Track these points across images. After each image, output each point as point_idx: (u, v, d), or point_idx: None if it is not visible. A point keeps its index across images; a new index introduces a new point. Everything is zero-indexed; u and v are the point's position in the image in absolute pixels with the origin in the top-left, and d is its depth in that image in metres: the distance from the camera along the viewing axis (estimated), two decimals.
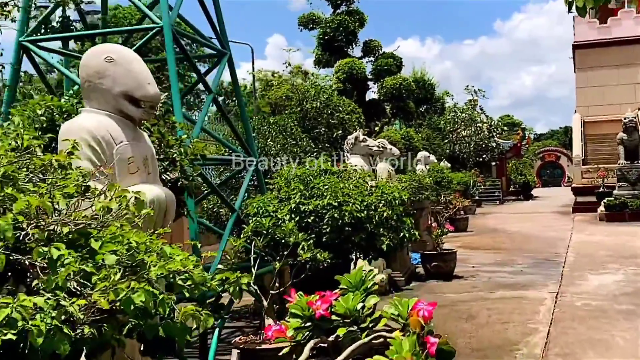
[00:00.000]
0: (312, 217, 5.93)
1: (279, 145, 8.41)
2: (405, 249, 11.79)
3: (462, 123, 42.00)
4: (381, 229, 6.08)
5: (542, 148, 74.03)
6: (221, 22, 7.89)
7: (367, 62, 17.52)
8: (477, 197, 35.91)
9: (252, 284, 5.38)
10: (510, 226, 21.84)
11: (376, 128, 17.46)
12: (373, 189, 6.36)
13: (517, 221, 24.24)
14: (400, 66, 17.04)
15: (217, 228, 7.28)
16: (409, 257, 12.08)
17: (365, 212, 5.91)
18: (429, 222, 11.82)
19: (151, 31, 6.68)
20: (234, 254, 5.39)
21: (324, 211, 5.89)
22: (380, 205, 6.09)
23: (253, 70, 19.24)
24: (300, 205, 5.93)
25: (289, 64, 11.77)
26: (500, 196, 41.30)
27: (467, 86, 44.11)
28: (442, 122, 39.47)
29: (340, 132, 10.71)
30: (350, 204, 5.83)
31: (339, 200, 5.85)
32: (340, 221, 5.79)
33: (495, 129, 43.22)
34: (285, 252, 5.33)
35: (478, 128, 41.79)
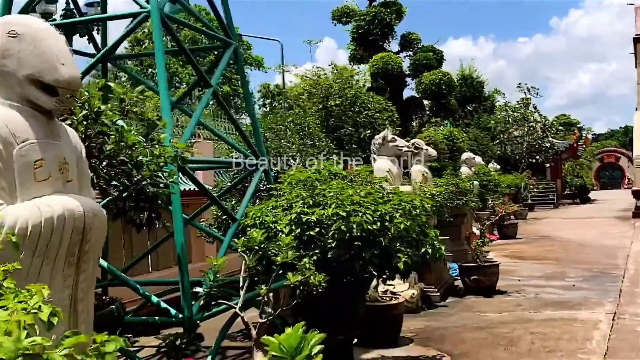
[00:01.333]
0: (316, 229, 5.02)
1: (294, 146, 7.52)
2: (441, 260, 10.75)
3: (514, 122, 40.33)
4: (398, 244, 5.11)
5: (601, 149, 71.28)
6: (227, 10, 7.10)
7: (404, 56, 16.47)
8: (529, 201, 34.27)
9: (240, 311, 4.51)
10: (563, 233, 20.39)
11: (413, 127, 16.29)
12: (391, 195, 5.39)
13: (571, 227, 22.71)
14: (441, 61, 15.84)
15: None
16: (447, 269, 11.01)
17: (379, 223, 4.95)
18: (469, 230, 10.71)
19: (137, 17, 5.90)
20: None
21: (329, 222, 4.96)
22: (397, 215, 5.12)
23: (282, 65, 18.39)
24: (303, 216, 5.02)
25: (335, 65, 10.99)
26: (555, 200, 39.44)
27: (520, 84, 42.22)
28: (492, 121, 37.92)
29: (369, 131, 9.75)
30: (360, 214, 4.88)
31: (347, 209, 4.92)
32: (348, 234, 4.84)
33: (549, 129, 41.27)
34: (276, 273, 4.44)
35: (531, 128, 40.03)
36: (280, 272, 4.71)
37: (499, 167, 29.04)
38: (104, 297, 4.39)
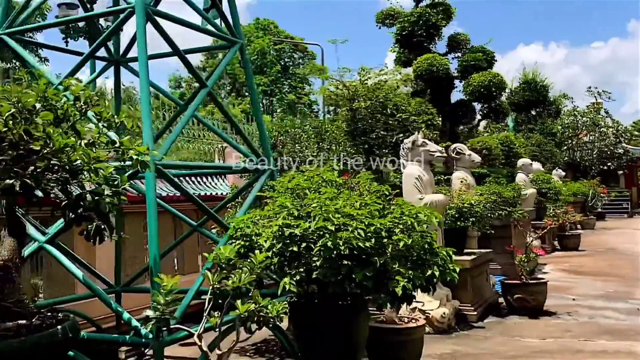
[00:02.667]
0: (303, 245, 4.33)
1: (307, 151, 6.87)
2: (484, 273, 9.83)
3: (584, 128, 38.37)
4: (397, 265, 4.35)
5: None
6: (233, 6, 6.54)
7: (453, 58, 15.53)
8: (599, 210, 32.35)
9: (200, 339, 3.86)
10: (633, 246, 18.80)
11: (462, 132, 15.29)
12: (392, 207, 4.64)
13: None
14: (492, 62, 14.79)
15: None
16: (490, 284, 10.07)
17: (373, 240, 4.21)
18: (524, 241, 9.66)
19: (122, 13, 5.40)
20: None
21: (314, 237, 4.26)
22: (397, 231, 4.36)
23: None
24: (286, 229, 4.34)
25: (363, 68, 10.29)
26: (629, 209, 37.11)
27: (590, 87, 40.17)
28: (559, 126, 36.11)
29: (401, 135, 8.97)
30: (350, 229, 4.16)
31: (337, 223, 4.21)
32: (335, 252, 4.13)
33: (623, 134, 39.01)
34: (228, 301, 3.75)
35: (602, 133, 37.95)
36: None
37: (563, 174, 27.52)
38: (50, 314, 3.79)
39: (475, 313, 8.64)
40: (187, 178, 8.86)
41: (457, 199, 9.18)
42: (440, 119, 15.12)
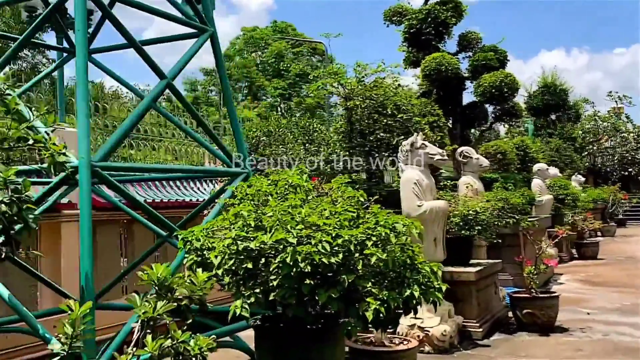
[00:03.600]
0: (261, 261, 3.73)
1: (290, 152, 6.29)
2: (492, 285, 9.15)
3: (604, 133, 37.43)
4: (369, 284, 3.74)
5: None
6: None
7: (463, 58, 14.76)
8: (620, 216, 31.39)
9: None
10: None
11: (473, 135, 14.55)
12: (368, 217, 4.01)
13: None
14: (504, 61, 14.00)
15: None
16: (499, 297, 9.38)
17: (341, 255, 3.60)
18: (538, 249, 8.96)
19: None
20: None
21: (272, 252, 3.66)
22: (370, 244, 3.74)
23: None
24: (240, 242, 3.75)
25: (359, 64, 9.62)
26: None
27: (610, 92, 39.18)
28: (579, 131, 35.19)
29: (402, 137, 8.35)
30: (314, 242, 3.56)
31: (299, 235, 3.60)
32: (295, 269, 3.53)
33: None
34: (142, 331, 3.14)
35: (623, 138, 36.96)
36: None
37: (583, 179, 26.66)
38: None
39: (480, 330, 7.96)
40: (171, 183, 8.28)
41: (461, 206, 8.53)
42: (450, 121, 14.44)
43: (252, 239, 3.74)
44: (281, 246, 3.62)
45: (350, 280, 3.63)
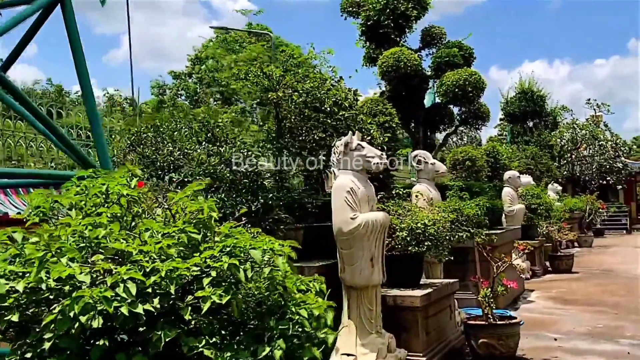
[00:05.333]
0: (31, 310, 2.54)
1: (177, 152, 5.12)
2: (447, 309, 8.01)
3: (583, 141, 36.67)
4: (202, 342, 2.56)
5: None
6: None
7: (427, 55, 13.57)
8: (598, 226, 30.56)
9: None
10: (630, 266, 16.99)
11: (436, 140, 13.38)
12: (215, 242, 2.83)
13: None
14: (469, 59, 12.81)
15: None
16: (455, 322, 8.24)
17: (157, 299, 2.43)
18: (476, 271, 7.90)
19: None
20: None
21: (49, 297, 2.47)
22: (206, 281, 2.57)
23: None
24: (3, 281, 2.55)
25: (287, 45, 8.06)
26: (628, 225, 35.29)
27: (589, 99, 38.48)
28: (557, 139, 34.38)
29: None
30: (110, 281, 2.36)
31: (97, 269, 2.41)
32: (78, 325, 2.34)
33: (622, 148, 37.28)
34: None
35: (602, 147, 36.21)
36: None
37: (560, 188, 25.78)
38: None
39: None
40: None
41: (410, 219, 7.39)
42: (413, 124, 13.31)
43: (14, 277, 2.54)
44: (68, 287, 2.43)
45: (168, 339, 2.45)
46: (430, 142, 13.20)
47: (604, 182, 35.52)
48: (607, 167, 35.61)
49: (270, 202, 5.62)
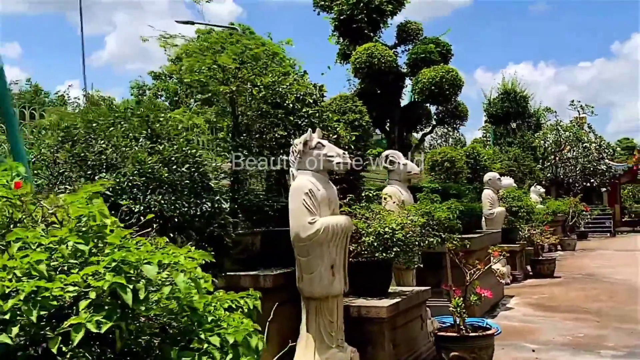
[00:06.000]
0: None
1: (112, 149, 4.58)
2: (418, 319, 7.51)
3: (566, 143, 36.43)
4: None
5: None
6: None
7: (403, 52, 13.02)
8: (582, 229, 30.31)
9: None
10: (613, 270, 16.64)
11: (411, 140, 12.87)
12: (113, 250, 2.33)
13: (625, 262, 18.87)
14: (446, 56, 12.27)
15: None
16: (427, 332, 7.73)
17: (16, 328, 1.91)
18: (447, 279, 7.43)
19: None
20: None
21: None
22: (83, 305, 2.03)
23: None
24: None
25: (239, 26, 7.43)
26: (612, 227, 35.13)
27: (573, 101, 38.28)
28: (541, 140, 34.10)
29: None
30: None
31: None
32: None
33: (605, 150, 37.09)
34: None
35: (585, 149, 35.98)
36: None
37: (543, 190, 25.45)
38: None
39: None
40: None
41: (377, 223, 6.89)
42: (388, 124, 12.81)
43: None
44: None
45: None
46: (407, 143, 12.69)
47: (588, 184, 35.30)
48: (591, 169, 35.40)
49: (217, 205, 5.08)
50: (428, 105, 12.60)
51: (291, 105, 7.06)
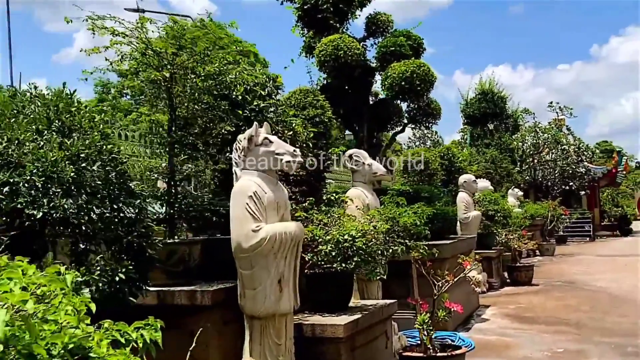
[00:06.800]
0: None
1: (13, 147, 3.80)
2: (382, 336, 6.75)
3: (545, 145, 36.04)
4: None
5: None
6: None
7: (372, 45, 12.21)
8: (561, 233, 29.86)
9: None
10: (594, 277, 16.08)
11: (382, 139, 12.10)
12: None
13: (606, 268, 18.36)
14: (418, 50, 11.48)
15: None
16: (392, 351, 6.97)
17: None
18: (414, 291, 6.70)
19: None
20: None
21: None
22: None
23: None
24: None
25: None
26: (591, 231, 34.75)
27: (551, 103, 37.93)
28: (519, 142, 33.64)
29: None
30: None
31: None
32: None
33: (584, 152, 36.74)
34: None
35: (564, 151, 35.59)
36: None
37: (521, 193, 24.94)
38: None
39: None
40: None
41: (336, 229, 6.14)
42: (357, 122, 12.04)
43: None
44: None
45: None
46: (377, 142, 11.95)
47: (567, 187, 34.91)
48: (570, 172, 35.03)
49: (137, 211, 4.29)
50: (399, 102, 11.84)
51: (240, 97, 6.29)
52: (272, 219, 5.10)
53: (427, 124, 12.32)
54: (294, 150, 5.19)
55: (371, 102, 12.13)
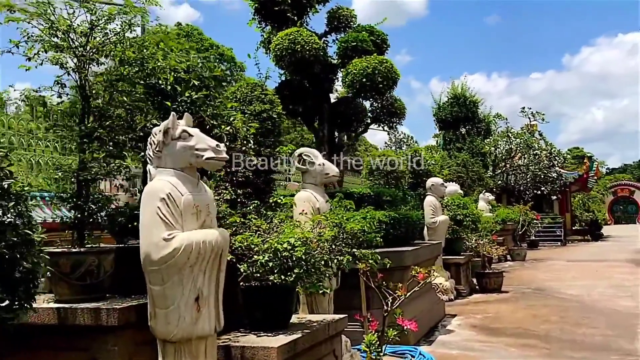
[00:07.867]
0: None
1: None
2: (330, 355, 6.03)
3: (518, 150, 35.78)
4: None
5: (614, 182, 68.06)
6: None
7: (334, 41, 11.49)
8: (532, 238, 29.56)
9: None
10: (565, 284, 15.60)
11: (344, 140, 11.42)
12: None
13: (576, 274, 17.92)
14: (382, 47, 10.78)
15: None
16: None
17: None
18: (362, 306, 6.00)
19: None
20: None
21: None
22: None
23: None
24: None
25: None
26: (562, 236, 34.60)
27: (524, 108, 37.69)
28: (491, 147, 33.30)
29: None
30: None
31: None
32: None
33: (556, 157, 36.56)
34: None
35: (536, 156, 35.34)
36: None
37: (492, 197, 24.50)
38: None
39: None
40: None
41: (274, 237, 5.42)
42: (317, 121, 11.34)
43: None
44: None
45: None
46: (338, 143, 11.26)
47: (539, 192, 34.71)
48: (542, 176, 34.85)
49: (17, 215, 3.52)
50: (361, 100, 11.17)
51: (169, 87, 5.55)
52: (191, 226, 4.35)
53: (390, 124, 11.67)
54: (217, 145, 4.44)
55: (332, 101, 11.43)
